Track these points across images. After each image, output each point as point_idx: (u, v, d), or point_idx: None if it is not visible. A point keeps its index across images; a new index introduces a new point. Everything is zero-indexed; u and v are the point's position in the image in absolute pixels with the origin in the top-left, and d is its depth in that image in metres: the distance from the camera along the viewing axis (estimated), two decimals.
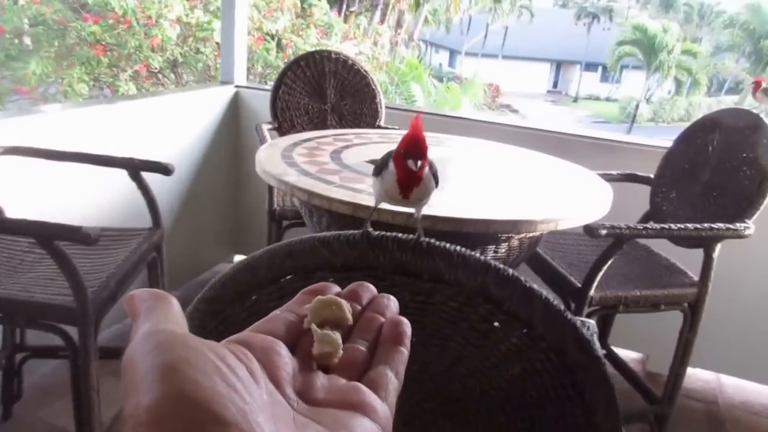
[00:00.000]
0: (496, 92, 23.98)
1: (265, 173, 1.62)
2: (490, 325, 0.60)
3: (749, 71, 24.74)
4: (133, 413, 0.24)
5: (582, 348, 0.58)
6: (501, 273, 0.60)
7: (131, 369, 0.26)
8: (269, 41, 6.90)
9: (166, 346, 0.26)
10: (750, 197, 1.89)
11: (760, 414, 2.45)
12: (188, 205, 2.85)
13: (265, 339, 0.31)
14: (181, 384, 0.24)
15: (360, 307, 0.37)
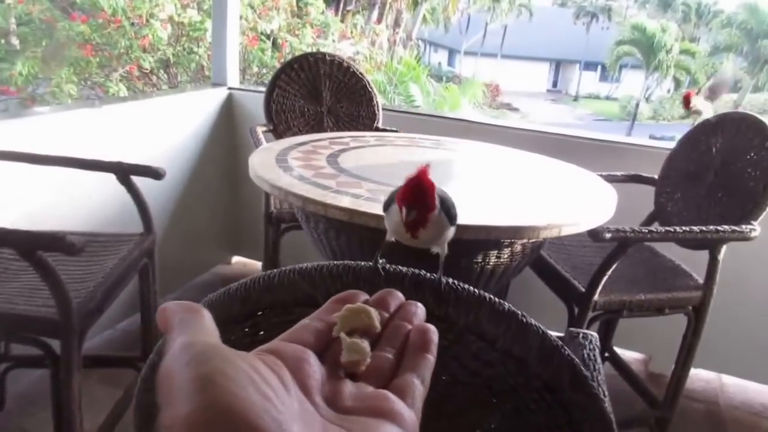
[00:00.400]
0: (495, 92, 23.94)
1: (258, 178, 1.56)
2: (481, 363, 0.55)
3: (746, 70, 24.75)
4: (171, 424, 0.25)
5: (579, 386, 0.54)
6: (496, 308, 0.55)
7: (168, 381, 0.27)
8: (264, 41, 6.84)
9: (202, 358, 0.27)
10: (755, 199, 1.86)
11: (761, 414, 2.43)
12: (183, 208, 2.80)
13: (295, 348, 0.32)
14: (218, 395, 0.25)
15: (387, 315, 0.38)
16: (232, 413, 0.25)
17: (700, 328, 1.92)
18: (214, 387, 0.26)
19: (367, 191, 1.49)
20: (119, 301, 1.76)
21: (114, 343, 2.42)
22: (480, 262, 1.51)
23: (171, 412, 0.25)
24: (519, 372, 0.54)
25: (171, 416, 0.25)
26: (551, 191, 1.81)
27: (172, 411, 0.25)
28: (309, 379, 0.31)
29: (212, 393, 0.25)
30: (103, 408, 1.79)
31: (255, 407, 0.25)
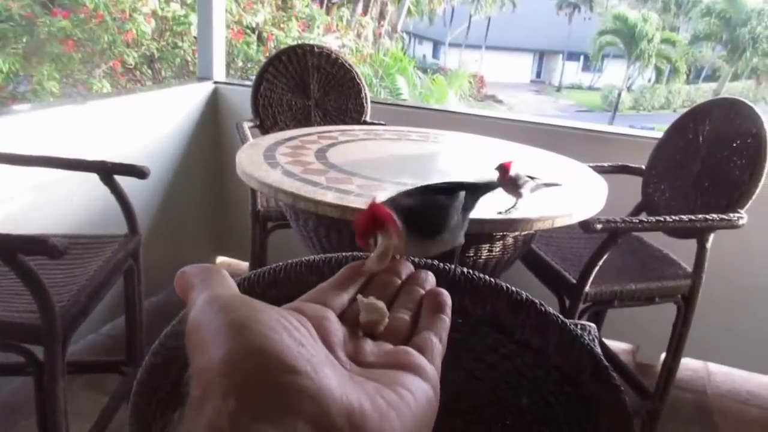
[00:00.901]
0: (480, 83, 23.95)
1: (246, 175, 1.54)
2: (498, 356, 0.53)
3: (726, 59, 24.98)
4: (206, 367, 0.25)
5: (600, 378, 0.52)
6: (514, 298, 0.53)
7: (197, 331, 0.27)
8: (249, 35, 6.77)
9: (232, 307, 0.28)
10: (741, 187, 1.87)
11: (747, 402, 2.45)
12: (168, 207, 2.76)
13: (315, 307, 0.33)
14: (252, 337, 0.26)
15: (400, 281, 0.39)
16: (266, 354, 0.25)
17: (689, 317, 1.93)
18: (247, 330, 0.26)
19: (358, 187, 1.47)
20: (105, 304, 1.73)
21: (98, 347, 2.38)
22: (472, 256, 1.50)
23: (205, 358, 0.26)
24: (537, 364, 0.52)
25: (206, 360, 0.26)
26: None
27: (206, 356, 0.26)
28: (331, 336, 0.31)
29: (246, 336, 0.26)
30: (89, 415, 1.75)
31: (289, 349, 0.26)
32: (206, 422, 0.24)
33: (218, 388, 0.24)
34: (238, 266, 3.14)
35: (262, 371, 0.25)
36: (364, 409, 0.26)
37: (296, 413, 0.24)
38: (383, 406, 0.27)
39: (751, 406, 2.44)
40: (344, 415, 0.25)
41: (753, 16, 23.23)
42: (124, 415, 1.52)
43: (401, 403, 0.28)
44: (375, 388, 0.28)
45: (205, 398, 0.25)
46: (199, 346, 0.27)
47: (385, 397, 0.28)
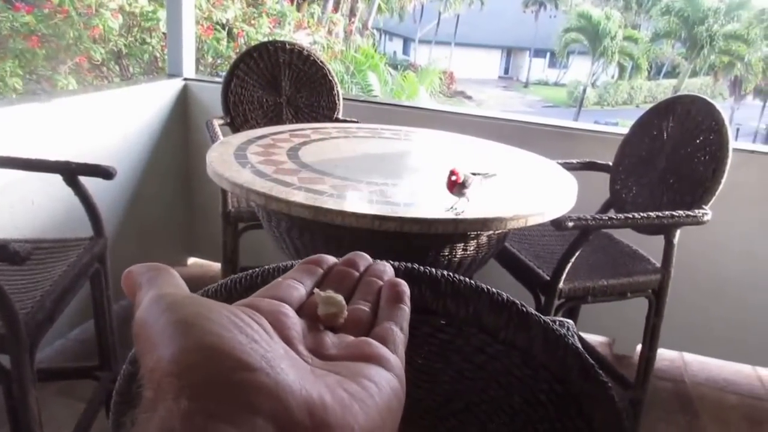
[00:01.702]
0: (450, 79, 24.08)
1: (217, 175, 1.51)
2: (486, 356, 0.53)
3: (685, 56, 25.59)
4: (156, 367, 0.25)
5: (587, 375, 0.53)
6: (495, 299, 0.53)
7: (145, 330, 0.27)
8: (220, 31, 6.69)
9: (178, 305, 0.27)
10: (705, 183, 1.91)
11: (725, 389, 2.53)
12: (136, 208, 2.71)
13: (270, 302, 0.32)
14: (201, 336, 0.25)
15: (358, 274, 0.38)
16: (218, 351, 0.25)
17: (661, 310, 1.97)
18: (196, 329, 0.25)
19: (331, 187, 1.46)
20: (72, 309, 1.68)
21: (68, 352, 2.32)
22: (447, 255, 1.50)
23: (154, 357, 0.25)
24: (525, 364, 0.53)
25: (155, 359, 0.25)
26: (515, 181, 1.81)
27: (154, 356, 0.25)
28: (289, 330, 0.30)
29: (195, 334, 0.25)
30: (66, 423, 1.71)
31: (241, 345, 0.25)
32: (158, 424, 0.23)
33: (169, 389, 0.24)
34: (210, 267, 3.09)
35: (214, 370, 0.24)
36: (325, 402, 0.25)
37: (254, 410, 0.24)
38: (345, 398, 0.26)
39: (729, 393, 2.52)
40: (305, 409, 0.25)
41: (710, 14, 23.86)
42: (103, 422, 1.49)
43: (364, 394, 0.27)
44: (337, 380, 0.27)
45: (157, 399, 0.24)
46: (147, 345, 0.26)
47: (347, 389, 0.27)
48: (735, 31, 23.72)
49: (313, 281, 0.36)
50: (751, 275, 2.52)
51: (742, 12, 24.06)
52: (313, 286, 0.36)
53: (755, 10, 24.10)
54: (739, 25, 23.94)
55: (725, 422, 2.35)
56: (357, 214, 1.27)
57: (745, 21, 23.90)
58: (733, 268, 2.53)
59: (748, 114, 25.10)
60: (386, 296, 0.36)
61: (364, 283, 0.37)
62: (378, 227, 1.26)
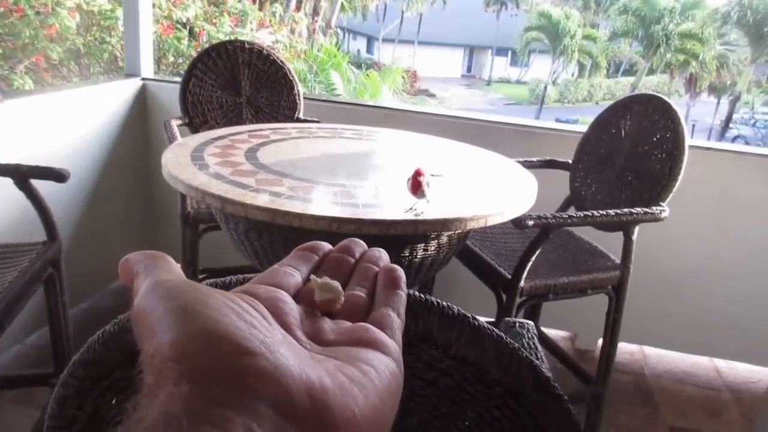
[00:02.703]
0: (414, 78, 24.15)
1: (172, 178, 1.47)
2: (437, 372, 0.52)
3: (642, 54, 26.20)
4: (156, 352, 0.25)
5: (542, 389, 0.52)
6: (446, 313, 0.52)
7: (144, 317, 0.27)
8: (180, 30, 6.58)
9: (177, 292, 0.27)
10: (662, 181, 1.94)
11: (683, 381, 2.59)
12: (93, 210, 2.64)
13: (268, 289, 0.32)
14: (200, 321, 0.25)
15: (353, 260, 0.38)
16: (217, 337, 0.25)
17: (621, 306, 2.00)
18: (195, 314, 0.26)
19: (289, 189, 1.44)
20: (27, 315, 1.63)
21: (24, 359, 2.25)
22: (407, 256, 1.50)
23: (154, 343, 0.25)
24: (478, 379, 0.52)
25: (155, 345, 0.25)
26: (475, 181, 1.82)
27: (154, 342, 0.25)
28: (287, 316, 0.30)
29: (194, 320, 0.25)
30: (23, 430, 1.66)
31: (240, 331, 0.25)
32: (159, 409, 0.23)
33: (170, 374, 0.24)
34: None
35: (214, 354, 0.24)
36: (325, 386, 0.25)
37: (255, 395, 0.24)
38: (345, 382, 0.26)
39: (687, 384, 2.58)
40: (305, 393, 0.25)
41: (665, 14, 24.49)
42: None
43: (364, 378, 0.27)
44: (336, 365, 0.27)
45: (158, 385, 0.24)
46: (146, 332, 0.26)
47: (347, 373, 0.27)
48: (689, 30, 24.38)
49: (309, 268, 0.36)
50: (707, 269, 2.59)
51: (696, 12, 24.74)
52: (309, 272, 0.36)
53: (708, 9, 24.79)
54: (694, 24, 24.61)
55: (684, 414, 2.41)
56: (315, 216, 1.25)
57: (699, 20, 24.59)
58: (689, 263, 2.59)
59: (703, 110, 25.82)
60: (382, 282, 0.36)
61: (360, 269, 0.37)
62: (337, 229, 1.25)
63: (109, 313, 2.59)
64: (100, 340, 0.53)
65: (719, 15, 24.07)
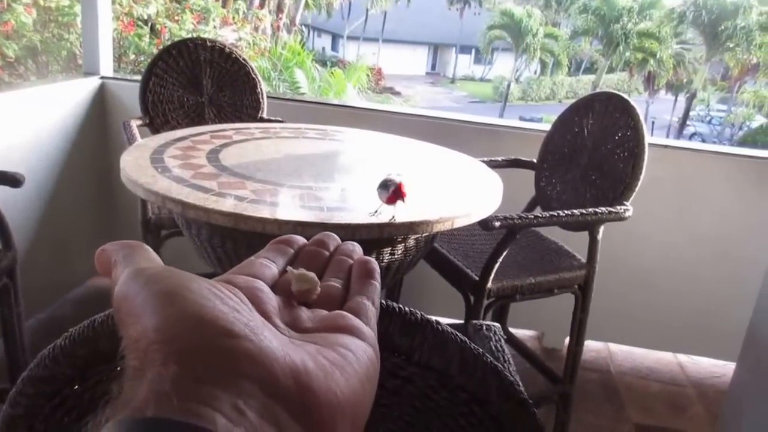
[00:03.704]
0: (379, 75, 24.13)
1: (131, 182, 1.42)
2: (399, 380, 0.51)
3: (602, 52, 26.70)
4: (141, 336, 0.25)
5: (507, 394, 0.51)
6: (407, 318, 0.51)
7: (126, 303, 0.27)
8: (141, 27, 6.44)
9: (160, 278, 0.28)
10: (625, 180, 1.96)
11: (648, 377, 2.64)
12: (51, 216, 2.55)
13: (246, 279, 0.32)
14: (185, 305, 0.26)
15: (328, 253, 0.39)
16: (203, 319, 0.25)
17: (587, 305, 2.02)
18: (179, 299, 0.26)
19: (252, 192, 1.40)
20: None
21: None
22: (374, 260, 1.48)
23: (137, 328, 0.26)
24: (442, 386, 0.50)
25: (139, 330, 0.26)
26: (440, 181, 1.81)
27: (138, 326, 0.26)
28: (265, 304, 0.31)
29: (179, 304, 0.26)
30: None
31: (225, 314, 0.26)
32: (149, 388, 0.23)
33: (157, 356, 0.24)
34: None
35: (200, 336, 0.25)
36: (308, 368, 0.26)
37: (241, 375, 0.24)
38: (326, 365, 0.27)
39: (652, 381, 2.62)
40: (289, 375, 0.25)
41: (624, 13, 25.00)
42: None
43: (343, 361, 0.28)
44: (316, 349, 0.28)
45: (143, 367, 0.24)
46: (129, 317, 0.27)
47: (327, 357, 0.28)
48: (647, 29, 24.93)
49: (285, 260, 0.37)
50: (670, 266, 2.63)
51: (653, 11, 25.29)
52: (285, 264, 0.36)
53: (665, 9, 25.37)
54: (651, 23, 25.16)
55: (649, 411, 2.44)
56: (279, 221, 1.23)
57: (657, 20, 25.15)
58: (653, 260, 2.63)
59: (661, 107, 26.46)
60: (357, 273, 0.37)
61: (335, 261, 0.38)
62: (302, 234, 1.22)
63: (68, 323, 2.47)
64: (50, 354, 0.51)
65: (675, 14, 24.66)
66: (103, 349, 0.50)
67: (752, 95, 24.67)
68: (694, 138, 23.99)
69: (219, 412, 0.23)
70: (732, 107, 25.87)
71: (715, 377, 2.69)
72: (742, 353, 1.82)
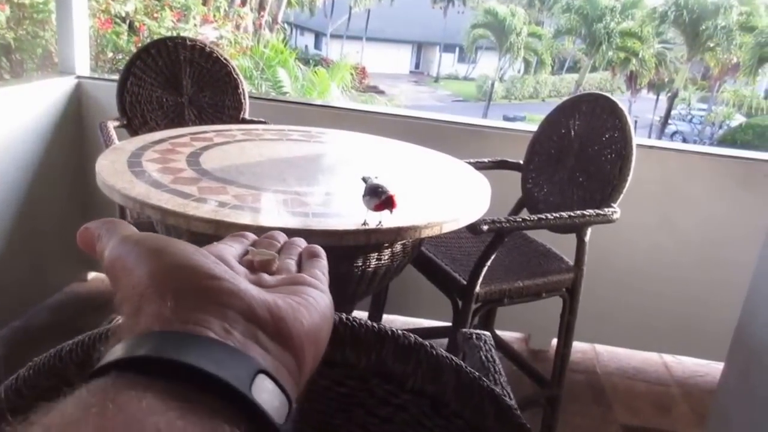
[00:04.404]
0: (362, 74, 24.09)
1: (107, 187, 1.37)
2: (392, 408, 0.48)
3: (585, 51, 26.88)
4: (138, 282, 0.31)
5: (505, 420, 0.48)
6: (401, 343, 0.48)
7: (120, 261, 0.33)
8: (119, 24, 6.33)
9: (149, 239, 0.34)
10: (613, 181, 1.94)
11: (634, 377, 2.64)
12: (26, 220, 2.48)
13: (214, 249, 0.37)
14: (175, 256, 0.32)
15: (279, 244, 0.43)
16: (191, 266, 0.31)
17: (575, 308, 2.00)
18: (169, 253, 0.32)
19: (234, 197, 1.35)
20: None
21: None
22: (360, 266, 1.44)
23: (132, 278, 0.31)
24: (436, 413, 0.48)
25: (134, 280, 0.31)
26: (427, 185, 1.77)
27: (133, 277, 0.31)
28: (234, 268, 0.35)
29: (168, 255, 0.32)
30: None
31: (208, 264, 0.32)
32: (151, 316, 0.29)
33: (153, 296, 0.30)
34: None
35: (189, 278, 0.31)
36: (279, 305, 0.32)
37: (225, 305, 0.30)
38: (293, 304, 0.33)
39: (638, 381, 2.63)
40: (264, 308, 0.31)
41: (607, 12, 25.21)
42: None
43: (306, 303, 0.34)
44: (283, 294, 0.33)
45: (140, 307, 0.29)
46: (123, 272, 0.32)
47: (293, 299, 0.33)
48: (630, 28, 25.13)
49: (244, 246, 0.41)
50: (655, 266, 2.63)
51: (635, 11, 25.49)
52: (243, 250, 0.40)
53: (647, 8, 25.59)
54: (633, 23, 25.36)
55: (636, 411, 2.44)
56: (262, 227, 1.18)
57: (639, 19, 25.36)
58: (638, 260, 2.63)
59: (643, 107, 26.69)
60: (307, 254, 0.42)
61: (287, 245, 0.43)
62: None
63: (44, 331, 2.45)
64: (12, 386, 0.47)
65: (657, 14, 24.87)
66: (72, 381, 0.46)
67: (732, 94, 25.01)
68: (676, 136, 24.25)
69: (211, 330, 0.29)
70: (713, 106, 26.17)
71: (698, 376, 2.70)
72: (729, 354, 1.81)
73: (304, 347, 0.32)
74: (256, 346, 0.30)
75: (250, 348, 0.29)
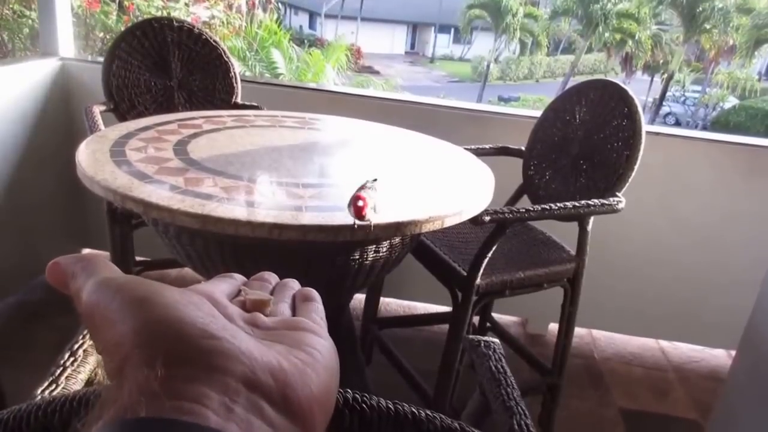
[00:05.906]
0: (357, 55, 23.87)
1: (87, 178, 1.28)
2: None
3: (581, 33, 26.67)
4: (122, 341, 0.26)
5: None
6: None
7: (99, 310, 0.28)
8: (108, 4, 6.18)
9: (131, 286, 0.29)
10: (618, 170, 1.88)
11: (631, 362, 2.64)
12: (16, 203, 2.44)
13: (203, 289, 0.33)
14: (161, 310, 0.27)
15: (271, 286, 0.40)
16: (182, 323, 0.27)
17: (576, 298, 1.95)
18: (156, 304, 0.28)
19: (222, 189, 1.27)
20: None
21: None
22: (357, 259, 1.36)
23: (115, 332, 0.27)
24: None
25: (117, 335, 0.27)
26: (427, 175, 1.68)
27: (115, 331, 0.27)
28: (228, 310, 0.32)
29: (155, 309, 0.27)
30: None
31: (201, 318, 0.28)
32: (138, 389, 0.24)
33: (139, 359, 0.25)
34: (106, 257, 2.83)
35: (181, 339, 0.26)
36: (283, 367, 0.28)
37: (224, 372, 0.26)
38: (298, 363, 0.29)
39: (635, 366, 2.63)
40: (267, 372, 0.27)
41: None
42: None
43: (312, 359, 0.30)
44: (285, 349, 0.29)
45: (124, 368, 0.25)
46: (104, 324, 0.28)
47: (297, 356, 0.29)
48: (626, 9, 24.91)
49: (233, 287, 0.37)
50: (653, 253, 2.60)
51: None
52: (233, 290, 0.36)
53: None
54: (630, 4, 25.13)
55: (633, 395, 2.44)
56: (253, 223, 1.10)
57: (636, 0, 25.12)
58: (637, 247, 2.60)
59: (637, 88, 26.44)
60: (300, 297, 0.38)
61: (279, 286, 0.40)
62: (278, 236, 1.11)
63: (40, 306, 2.47)
64: None
65: None
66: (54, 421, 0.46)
67: (726, 77, 24.89)
68: (669, 118, 24.20)
69: (209, 409, 0.24)
70: (707, 88, 26.08)
71: (694, 362, 2.70)
72: (740, 348, 1.76)
73: (314, 415, 0.28)
74: (262, 424, 0.25)
75: (255, 428, 0.25)
